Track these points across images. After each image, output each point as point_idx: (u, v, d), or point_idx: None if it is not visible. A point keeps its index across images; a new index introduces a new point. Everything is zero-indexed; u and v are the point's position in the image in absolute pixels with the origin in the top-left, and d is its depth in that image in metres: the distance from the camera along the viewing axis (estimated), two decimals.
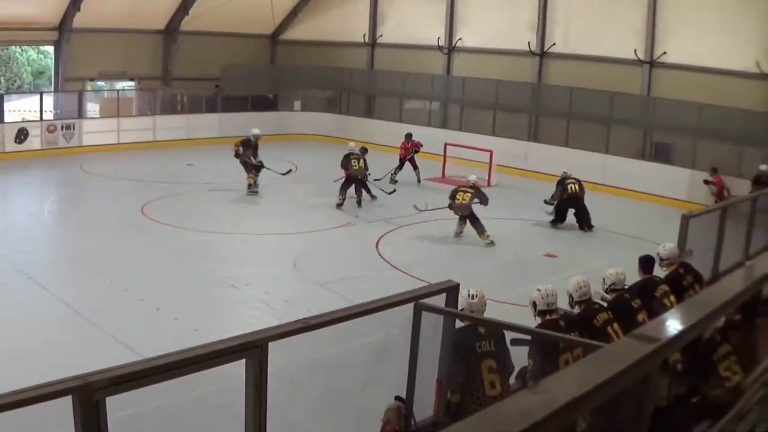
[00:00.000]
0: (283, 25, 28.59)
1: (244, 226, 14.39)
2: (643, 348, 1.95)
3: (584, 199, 15.22)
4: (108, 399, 2.86)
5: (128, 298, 10.08)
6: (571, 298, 5.91)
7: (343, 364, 5.36)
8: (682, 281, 7.01)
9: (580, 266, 11.17)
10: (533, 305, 5.50)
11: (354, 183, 16.24)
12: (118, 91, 24.51)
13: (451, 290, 4.59)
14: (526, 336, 5.02)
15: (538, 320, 5.48)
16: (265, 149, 22.89)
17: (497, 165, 19.44)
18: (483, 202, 13.84)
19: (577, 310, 5.91)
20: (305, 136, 25.20)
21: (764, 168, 15.99)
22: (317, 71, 26.87)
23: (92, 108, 23.82)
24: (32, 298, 9.95)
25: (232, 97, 25.50)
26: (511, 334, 4.95)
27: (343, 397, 5.23)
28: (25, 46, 28.82)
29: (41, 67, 31.49)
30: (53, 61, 24.76)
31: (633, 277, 6.86)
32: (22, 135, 20.50)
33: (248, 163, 17.05)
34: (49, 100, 22.52)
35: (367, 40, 26.87)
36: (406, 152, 19.24)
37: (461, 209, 13.72)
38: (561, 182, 15.40)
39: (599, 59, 20.51)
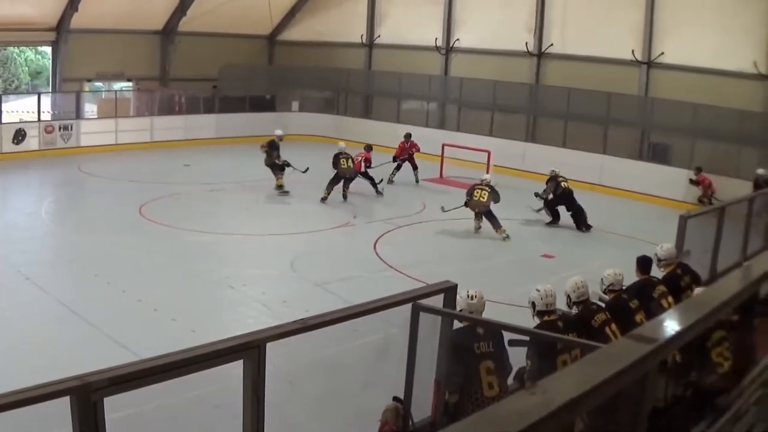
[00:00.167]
0: (280, 26, 28.59)
1: (241, 226, 14.37)
2: (641, 348, 1.95)
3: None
4: (106, 399, 2.86)
5: (126, 299, 10.07)
6: (569, 298, 5.92)
7: (342, 365, 5.35)
8: (680, 282, 7.02)
9: (577, 267, 11.19)
10: (532, 305, 5.51)
11: (342, 180, 16.75)
12: (116, 91, 24.53)
13: (449, 291, 4.60)
14: (524, 337, 5.03)
15: (536, 320, 5.49)
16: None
17: (495, 165, 19.43)
18: (496, 199, 14.38)
19: (575, 310, 5.92)
20: (303, 137, 25.15)
21: (762, 172, 15.97)
22: (315, 72, 26.88)
23: (90, 109, 23.79)
24: (30, 299, 9.94)
25: (229, 98, 25.51)
26: (509, 335, 4.96)
27: (341, 398, 5.22)
28: (23, 47, 28.77)
29: (39, 68, 31.46)
30: (51, 61, 24.74)
31: (630, 277, 6.86)
32: (19, 136, 20.48)
33: (276, 164, 17.29)
34: (46, 101, 22.52)
35: (364, 40, 26.87)
36: (402, 152, 19.21)
37: (479, 206, 14.29)
38: (553, 179, 15.54)
39: (597, 60, 20.53)
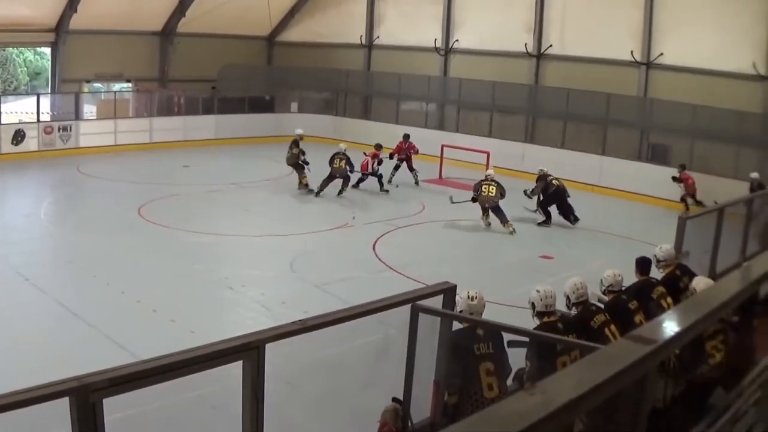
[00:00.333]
0: (279, 27, 28.58)
1: (241, 227, 14.37)
2: (640, 349, 1.95)
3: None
4: (105, 400, 2.85)
5: (125, 300, 10.08)
6: (568, 299, 5.91)
7: (341, 365, 5.34)
8: (679, 283, 7.01)
9: (576, 267, 11.19)
10: (532, 306, 5.51)
11: (336, 178, 17.14)
12: (115, 92, 24.52)
13: (448, 292, 4.59)
14: (524, 338, 5.02)
15: (536, 321, 5.49)
16: (262, 150, 23.10)
17: (494, 166, 19.40)
18: (503, 193, 14.85)
19: (574, 311, 5.91)
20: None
21: (755, 175, 15.94)
22: (314, 73, 26.89)
23: (89, 109, 23.76)
24: (29, 300, 9.94)
25: (228, 99, 25.51)
26: (508, 336, 4.95)
27: (340, 398, 5.22)
28: (22, 48, 28.75)
29: (38, 69, 31.43)
30: (50, 62, 24.73)
31: (630, 278, 6.86)
32: (19, 136, 20.48)
33: (298, 163, 17.49)
34: (46, 102, 22.48)
35: (363, 41, 26.87)
36: (399, 151, 19.13)
37: (489, 201, 14.71)
38: (542, 178, 15.69)
39: (596, 61, 20.53)
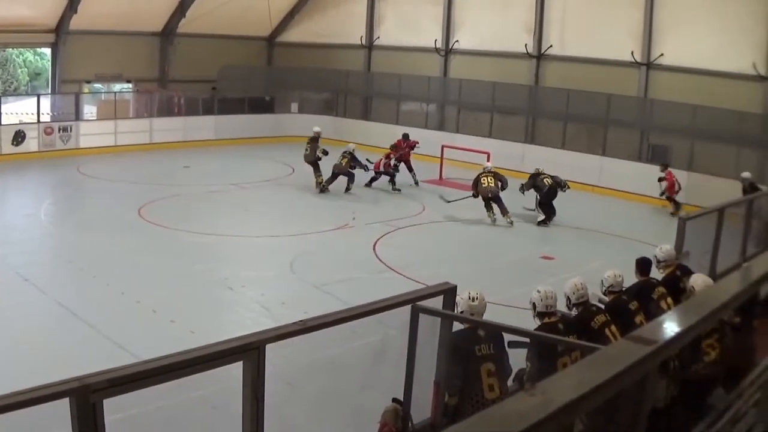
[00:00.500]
0: (280, 27, 28.58)
1: (241, 227, 14.36)
2: (641, 350, 1.95)
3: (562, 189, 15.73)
4: (105, 401, 2.85)
5: (125, 300, 10.07)
6: (569, 300, 5.91)
7: (341, 366, 5.34)
8: (679, 283, 7.00)
9: (576, 268, 11.18)
10: (533, 306, 5.52)
11: (340, 175, 17.53)
12: (115, 93, 24.52)
13: (449, 292, 4.58)
14: (524, 339, 5.02)
15: (537, 321, 5.49)
16: (262, 151, 23.11)
17: (494, 167, 19.41)
18: (503, 182, 15.18)
19: (574, 312, 5.91)
20: (302, 139, 25.00)
21: (746, 175, 15.90)
22: (314, 73, 26.88)
23: (89, 110, 23.74)
24: (29, 300, 9.94)
25: (228, 99, 25.50)
26: (509, 337, 4.95)
27: (340, 399, 5.21)
28: (22, 48, 28.75)
29: (38, 69, 31.43)
30: (50, 63, 24.72)
31: (630, 279, 6.86)
32: (19, 137, 20.48)
33: (316, 162, 17.70)
34: (46, 102, 22.47)
35: (364, 42, 26.86)
36: (397, 150, 19.09)
37: (490, 191, 14.97)
38: (534, 176, 15.89)
39: (596, 61, 20.52)
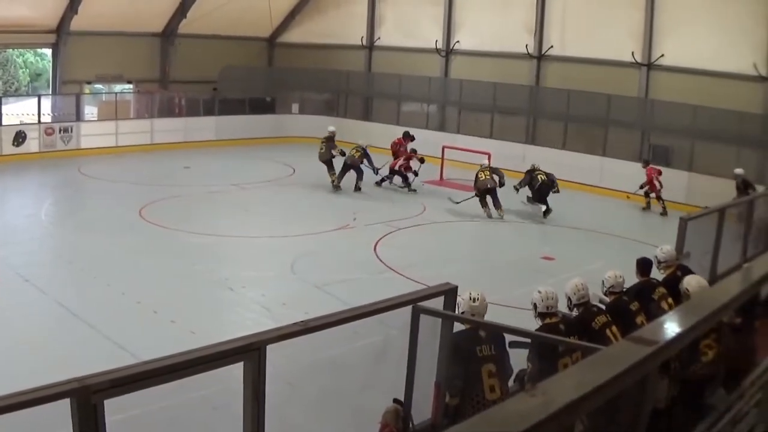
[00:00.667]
0: (280, 28, 28.57)
1: (241, 228, 14.36)
2: (642, 351, 1.95)
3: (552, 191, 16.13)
4: (106, 401, 2.85)
5: (126, 300, 10.08)
6: (570, 300, 5.92)
7: (342, 366, 5.34)
8: (680, 284, 7.00)
9: (577, 268, 11.16)
10: (534, 307, 5.52)
11: (351, 170, 17.61)
12: (116, 94, 24.50)
13: (450, 293, 4.58)
14: (526, 339, 5.02)
15: (538, 322, 5.49)
16: (263, 151, 23.11)
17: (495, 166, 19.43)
18: (501, 178, 15.83)
19: (575, 312, 5.91)
20: (303, 139, 25.16)
21: (739, 171, 15.89)
22: (315, 74, 26.87)
23: (90, 111, 23.74)
24: (30, 300, 9.94)
25: (229, 100, 25.50)
26: (510, 337, 4.95)
27: (341, 399, 5.22)
28: (23, 49, 28.75)
29: (39, 70, 31.43)
30: (51, 63, 24.72)
31: (630, 279, 6.86)
32: (19, 138, 20.48)
33: (331, 161, 17.77)
34: (46, 103, 22.47)
35: (364, 42, 26.85)
36: (394, 147, 19.10)
37: (486, 184, 15.69)
38: (530, 172, 16.29)
39: (596, 62, 20.52)
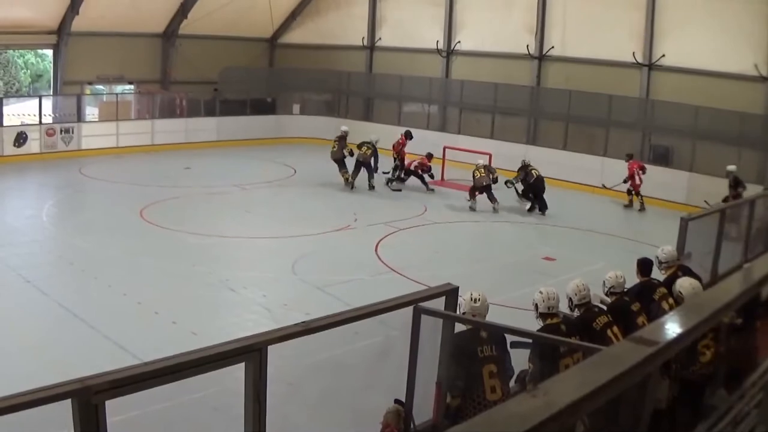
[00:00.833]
0: (281, 29, 28.58)
1: (242, 229, 14.37)
2: (643, 351, 1.95)
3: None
4: (106, 402, 2.85)
5: (126, 301, 10.08)
6: (571, 301, 5.91)
7: (343, 367, 5.34)
8: (673, 286, 6.99)
9: (578, 269, 11.17)
10: (535, 307, 5.52)
11: (362, 167, 17.82)
12: (117, 94, 24.51)
13: (451, 293, 4.58)
14: (527, 339, 5.01)
15: (539, 322, 5.48)
16: (264, 152, 23.12)
17: (496, 167, 19.41)
18: (494, 176, 16.58)
19: (576, 313, 5.91)
20: (303, 140, 25.19)
21: (732, 168, 15.85)
22: (316, 74, 26.88)
23: (91, 111, 23.74)
24: (30, 302, 9.94)
25: (230, 101, 25.52)
26: (511, 338, 4.95)
27: (342, 400, 5.21)
28: (24, 50, 28.76)
29: (40, 71, 31.45)
30: (52, 64, 24.73)
31: (631, 280, 6.86)
32: (21, 138, 20.50)
33: (341, 160, 17.92)
34: (47, 104, 22.46)
35: (365, 43, 26.86)
36: (397, 147, 19.08)
37: (482, 180, 16.44)
38: (523, 168, 16.76)
39: (597, 62, 20.52)
